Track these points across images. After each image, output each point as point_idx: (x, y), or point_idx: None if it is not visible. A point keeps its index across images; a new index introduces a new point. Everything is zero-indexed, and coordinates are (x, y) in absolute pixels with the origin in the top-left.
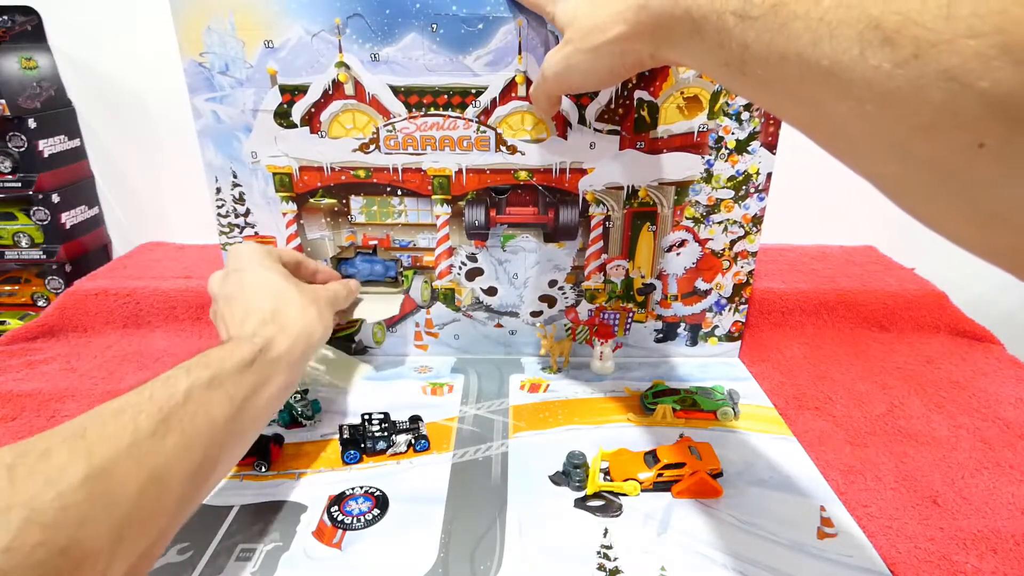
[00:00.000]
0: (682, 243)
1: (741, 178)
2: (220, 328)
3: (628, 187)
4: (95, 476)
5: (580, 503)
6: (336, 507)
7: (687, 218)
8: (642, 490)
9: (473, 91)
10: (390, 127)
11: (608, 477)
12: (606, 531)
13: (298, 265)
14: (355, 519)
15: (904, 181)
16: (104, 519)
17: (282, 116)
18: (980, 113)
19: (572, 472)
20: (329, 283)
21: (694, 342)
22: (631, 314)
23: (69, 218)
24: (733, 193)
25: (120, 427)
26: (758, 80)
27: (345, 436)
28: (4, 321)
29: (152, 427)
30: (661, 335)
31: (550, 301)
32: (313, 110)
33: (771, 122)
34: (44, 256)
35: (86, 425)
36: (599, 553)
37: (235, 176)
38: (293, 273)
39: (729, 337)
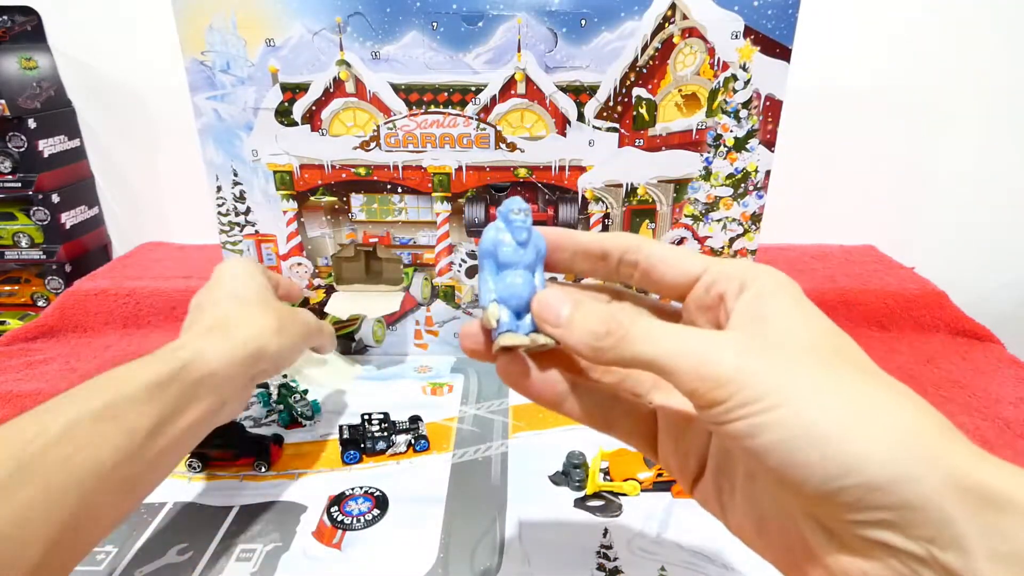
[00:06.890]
0: (681, 241)
1: (740, 176)
2: None
3: (627, 184)
4: None
5: (580, 503)
6: (336, 507)
7: (686, 216)
8: (642, 490)
9: (473, 88)
10: (390, 125)
11: (608, 477)
12: (606, 531)
13: (277, 286)
14: (355, 519)
15: None
16: None
17: (283, 114)
18: None
19: (572, 472)
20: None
21: None
22: None
23: (69, 218)
24: (732, 191)
25: None
26: None
27: (345, 436)
28: (4, 321)
29: (1, 479)
30: None
31: None
32: (314, 108)
33: (769, 120)
34: (44, 256)
35: None
36: (599, 553)
37: (236, 174)
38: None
39: None
